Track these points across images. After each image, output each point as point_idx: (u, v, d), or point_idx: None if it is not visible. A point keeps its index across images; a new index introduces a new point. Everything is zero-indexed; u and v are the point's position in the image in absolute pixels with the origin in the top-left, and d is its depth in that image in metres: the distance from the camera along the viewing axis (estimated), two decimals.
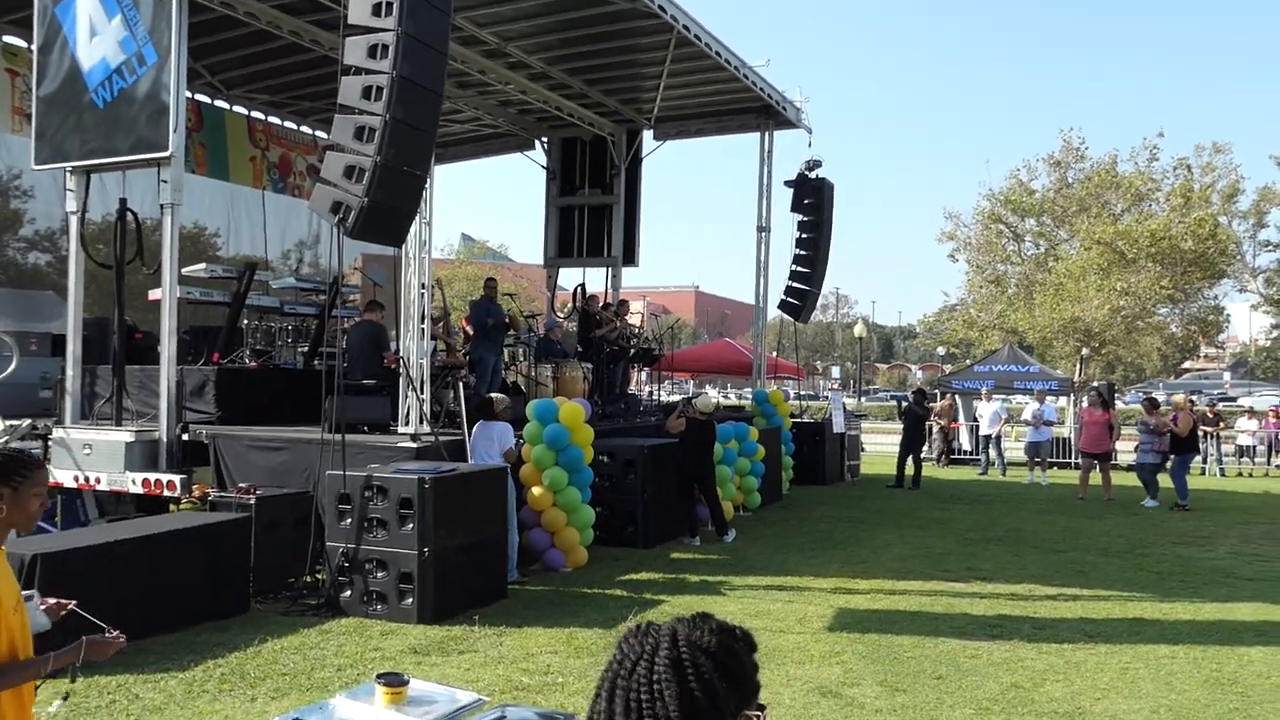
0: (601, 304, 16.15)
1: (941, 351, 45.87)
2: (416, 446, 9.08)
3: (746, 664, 1.53)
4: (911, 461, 17.75)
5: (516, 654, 6.80)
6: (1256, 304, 35.77)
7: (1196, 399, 19.84)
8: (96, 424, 10.39)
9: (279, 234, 18.09)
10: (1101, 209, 26.68)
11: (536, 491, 9.77)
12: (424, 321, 9.69)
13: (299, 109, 17.73)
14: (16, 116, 13.74)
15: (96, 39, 9.90)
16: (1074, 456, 21.90)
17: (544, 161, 19.32)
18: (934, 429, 22.44)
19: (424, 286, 9.69)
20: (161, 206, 9.77)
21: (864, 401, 47.80)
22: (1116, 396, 27.65)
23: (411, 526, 7.66)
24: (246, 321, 12.26)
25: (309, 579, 8.66)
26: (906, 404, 18.73)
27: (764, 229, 17.81)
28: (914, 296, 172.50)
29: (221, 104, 16.78)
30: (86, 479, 9.80)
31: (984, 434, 21.24)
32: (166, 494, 9.50)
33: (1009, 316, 27.66)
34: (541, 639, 7.18)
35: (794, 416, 17.66)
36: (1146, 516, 14.41)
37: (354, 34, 7.98)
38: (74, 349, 10.55)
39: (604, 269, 19.07)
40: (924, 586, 9.26)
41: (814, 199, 17.95)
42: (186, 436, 9.97)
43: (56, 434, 10.17)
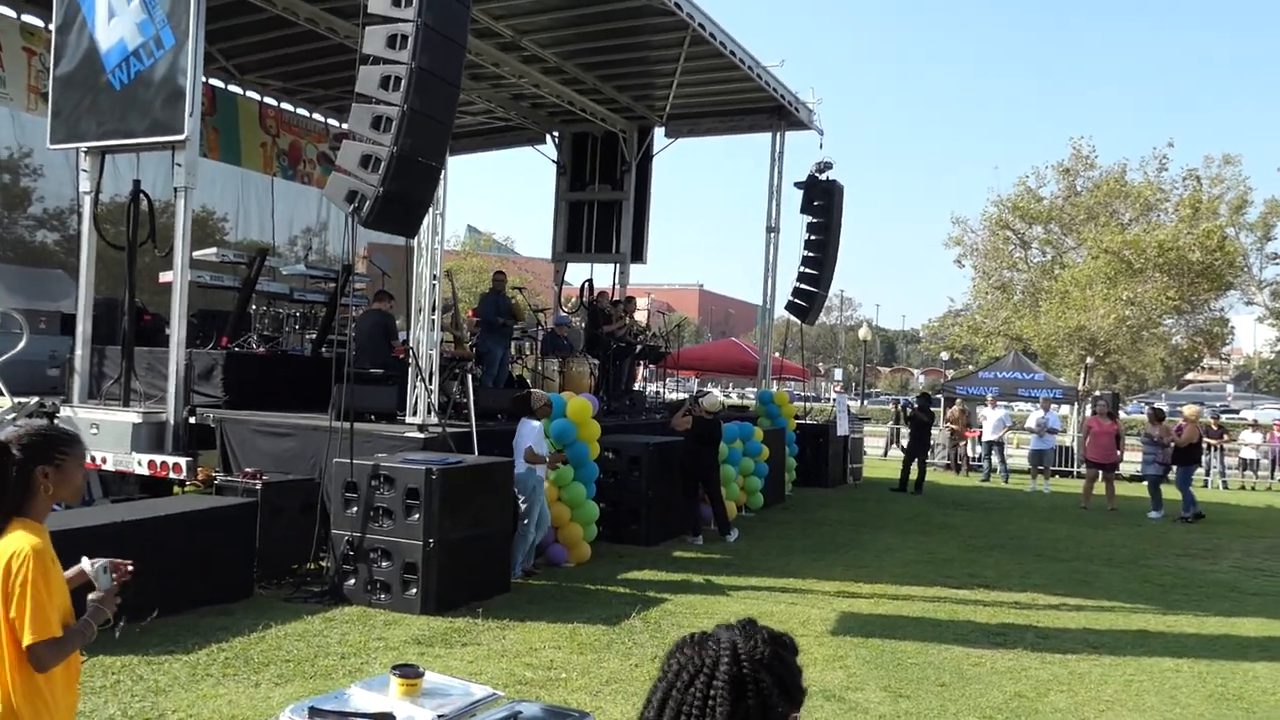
0: (611, 301, 16.14)
1: (945, 356, 45.86)
2: (424, 437, 9.07)
3: (797, 673, 1.54)
4: (915, 466, 17.70)
5: (520, 648, 6.80)
6: (1262, 317, 35.69)
7: (1201, 410, 19.76)
8: (104, 404, 10.39)
9: (286, 220, 18.12)
10: (1110, 218, 26.65)
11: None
12: (435, 312, 9.68)
13: (312, 96, 17.72)
14: (32, 95, 13.75)
15: (115, 20, 9.88)
16: (1076, 465, 21.91)
17: (555, 156, 19.30)
18: (946, 434, 22.44)
19: (435, 277, 9.68)
20: (175, 190, 9.76)
21: (866, 405, 47.80)
22: (1120, 406, 27.60)
23: (417, 517, 7.66)
24: (255, 307, 12.26)
25: (313, 566, 8.66)
26: (912, 409, 18.70)
27: (773, 229, 17.79)
28: (918, 301, 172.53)
29: (235, 89, 16.77)
30: (92, 459, 9.78)
31: (987, 440, 21.23)
32: (172, 476, 9.49)
33: (1014, 323, 27.65)
34: (544, 633, 7.18)
35: (798, 418, 17.64)
36: (1150, 528, 14.41)
37: (374, 23, 7.96)
38: (83, 329, 10.55)
39: (611, 265, 19.06)
40: (927, 592, 9.25)
41: (824, 201, 17.90)
42: (193, 420, 9.97)
43: (64, 413, 10.15)
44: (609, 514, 10.79)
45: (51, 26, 10.71)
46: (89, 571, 2.94)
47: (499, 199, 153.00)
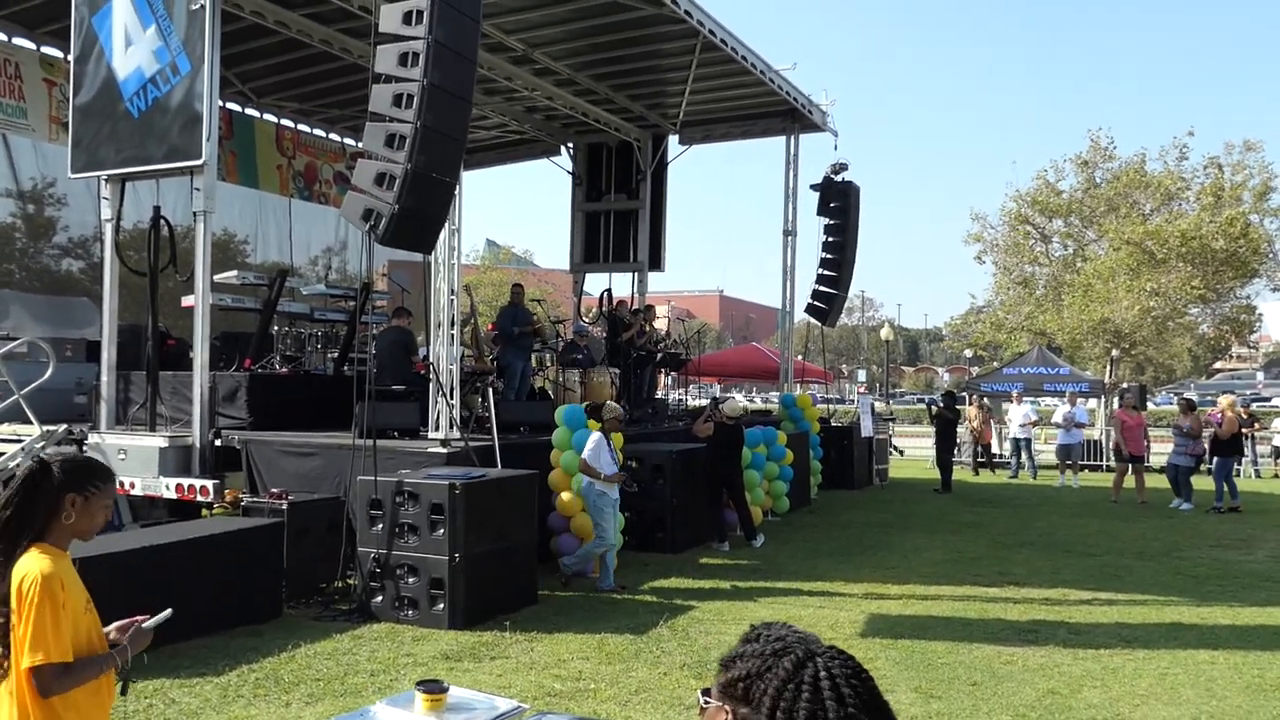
0: (631, 310, 16.14)
1: (969, 354, 45.58)
2: (447, 452, 9.10)
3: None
4: (945, 465, 17.74)
5: (548, 660, 6.80)
6: None
7: (1233, 400, 19.54)
8: (131, 429, 10.50)
9: (304, 241, 18.28)
10: (1130, 209, 26.44)
11: (565, 497, 9.78)
12: (454, 327, 9.72)
13: (328, 116, 17.87)
14: (54, 125, 13.95)
15: (132, 49, 10.01)
16: (1105, 459, 21.70)
17: (570, 167, 19.35)
18: (969, 434, 22.30)
19: (453, 293, 9.72)
20: (195, 214, 9.86)
21: (891, 405, 47.55)
22: (1147, 398, 27.34)
23: (443, 532, 7.68)
24: (277, 328, 12.35)
25: (340, 584, 8.70)
26: (937, 408, 18.61)
27: (790, 233, 17.75)
28: (940, 299, 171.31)
29: (251, 112, 16.94)
30: (121, 484, 9.89)
31: (1014, 437, 21.07)
32: (199, 499, 9.57)
33: (1037, 318, 27.45)
34: (573, 645, 7.18)
35: (821, 420, 17.58)
36: (1182, 519, 14.25)
37: (385, 42, 8.03)
38: (109, 355, 10.66)
39: (630, 274, 19.08)
40: (957, 591, 9.18)
41: (840, 202, 17.85)
42: (219, 442, 10.05)
43: (92, 439, 10.26)
44: (634, 523, 10.78)
45: (70, 57, 10.86)
46: (147, 625, 2.92)
47: (517, 212, 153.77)
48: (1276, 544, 12.08)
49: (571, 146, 19.26)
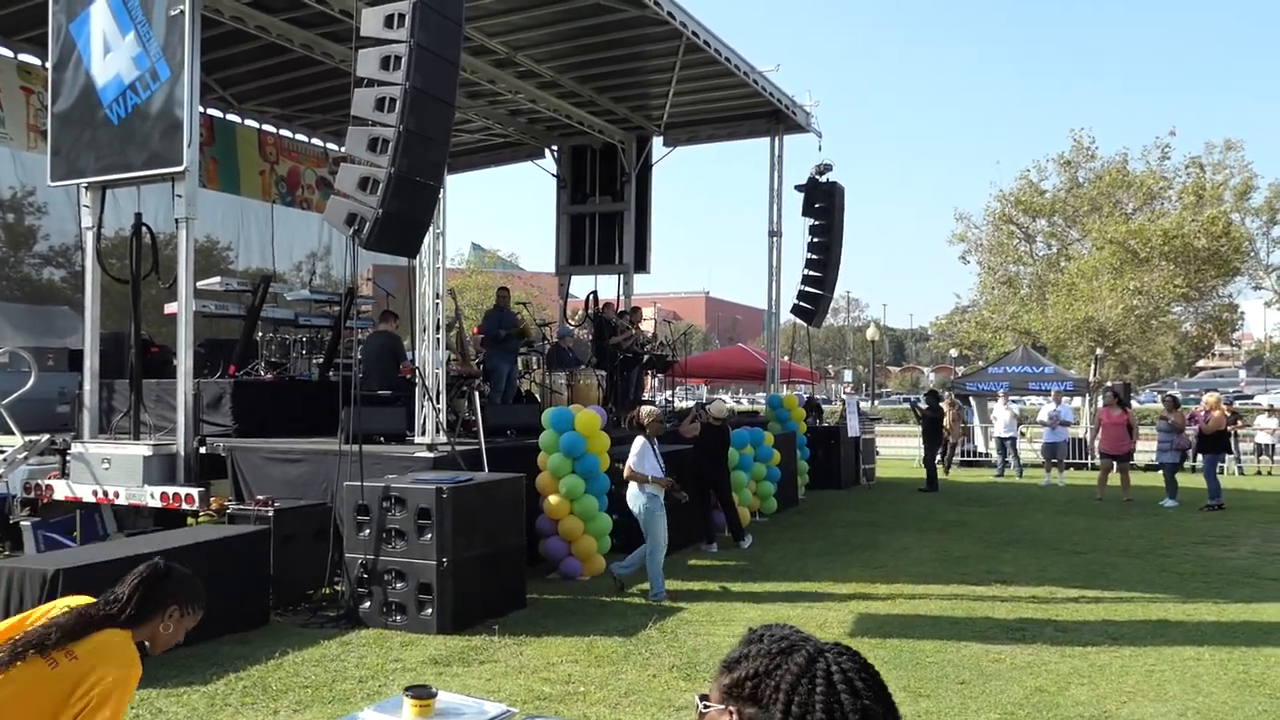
0: (617, 312, 16.14)
1: (954, 353, 45.76)
2: (433, 456, 9.07)
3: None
4: (944, 460, 17.90)
5: (537, 663, 6.78)
6: (1271, 301, 35.57)
7: (1219, 398, 19.68)
8: (114, 438, 10.43)
9: (288, 246, 18.19)
10: (1113, 208, 26.58)
11: (553, 500, 9.76)
12: (439, 331, 9.70)
13: (310, 121, 17.81)
14: (31, 133, 13.86)
15: (110, 55, 9.95)
16: (1090, 457, 21.80)
17: (554, 170, 19.34)
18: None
19: (438, 296, 9.70)
20: (176, 221, 9.80)
21: (877, 405, 47.71)
22: (1131, 396, 27.49)
23: (430, 537, 7.65)
24: (261, 334, 12.29)
25: (328, 591, 8.65)
26: (920, 410, 18.73)
27: (775, 234, 17.79)
28: (925, 299, 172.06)
29: (233, 118, 16.86)
30: (105, 493, 9.83)
31: (999, 436, 21.15)
32: (185, 507, 9.52)
33: (1022, 317, 27.57)
34: (561, 648, 7.16)
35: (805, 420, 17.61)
36: (1166, 517, 14.32)
37: (366, 46, 8.01)
38: (91, 364, 10.58)
39: (615, 276, 19.08)
40: (944, 590, 9.21)
41: (825, 203, 17.90)
42: (204, 450, 9.99)
43: (75, 449, 10.20)
44: (622, 525, 10.76)
45: (48, 64, 10.78)
46: None
47: (502, 215, 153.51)
48: (1260, 540, 12.16)
49: (556, 149, 19.25)
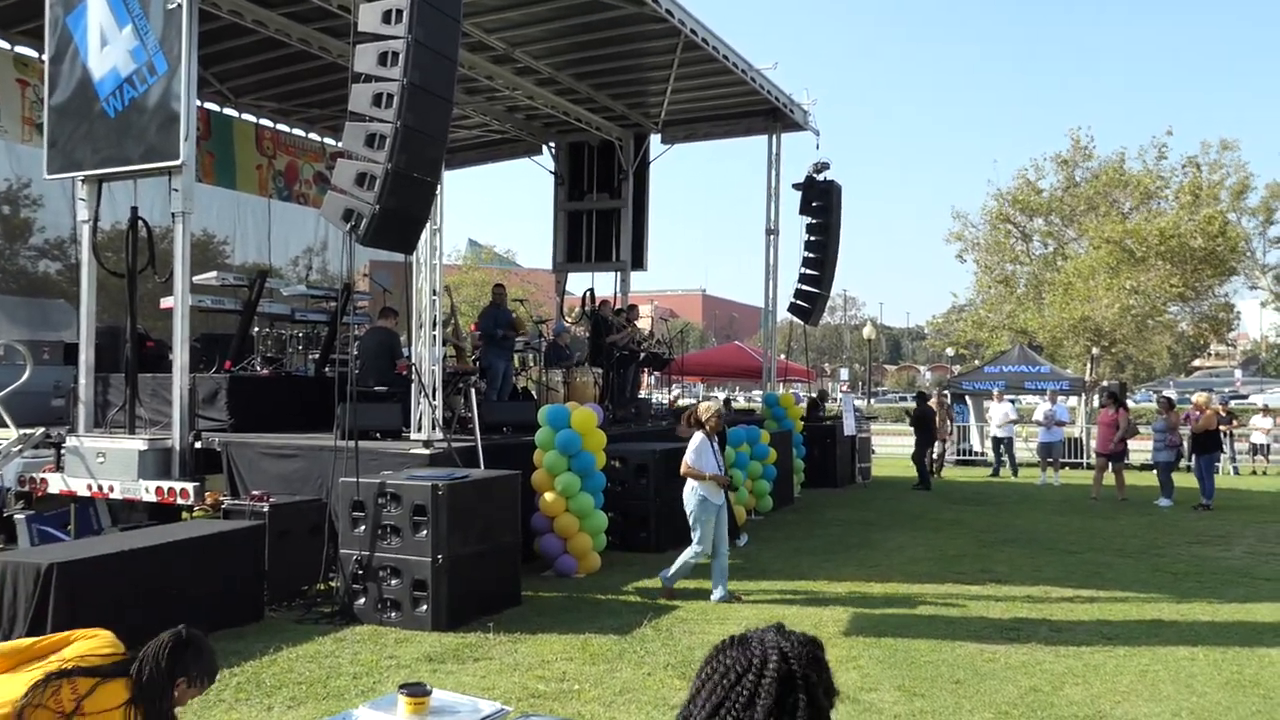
0: (614, 309, 16.13)
1: (950, 352, 45.79)
2: (429, 453, 9.06)
3: (831, 674, 1.62)
4: (921, 461, 18.09)
5: (532, 661, 6.78)
6: (1267, 301, 35.65)
7: (1211, 397, 19.76)
8: (110, 432, 10.41)
9: (284, 242, 18.16)
10: (1110, 208, 26.62)
11: (549, 497, 9.76)
12: (436, 328, 9.68)
13: (307, 116, 17.76)
14: (26, 126, 13.81)
15: (107, 48, 9.92)
16: (1085, 456, 21.83)
17: (552, 166, 19.32)
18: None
19: (435, 293, 9.68)
20: (173, 215, 9.77)
21: (873, 403, 47.72)
22: (1127, 395, 27.52)
23: (425, 533, 7.64)
24: (258, 329, 12.27)
25: (323, 586, 8.65)
26: (909, 413, 19.00)
27: (772, 232, 17.77)
28: (922, 298, 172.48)
29: (230, 112, 16.82)
30: (100, 488, 9.81)
31: (995, 435, 21.17)
32: (180, 502, 9.50)
33: (1018, 316, 27.62)
34: (556, 645, 7.16)
35: (803, 419, 17.62)
36: (1161, 516, 14.35)
37: (364, 41, 7.98)
38: (87, 357, 10.56)
39: (612, 273, 19.07)
40: (939, 589, 9.21)
41: (822, 201, 17.89)
42: (199, 444, 9.98)
43: (70, 442, 10.18)
44: (618, 523, 10.78)
45: (44, 57, 10.74)
46: None
47: (499, 212, 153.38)
48: (1255, 540, 12.18)
49: (553, 146, 19.22)
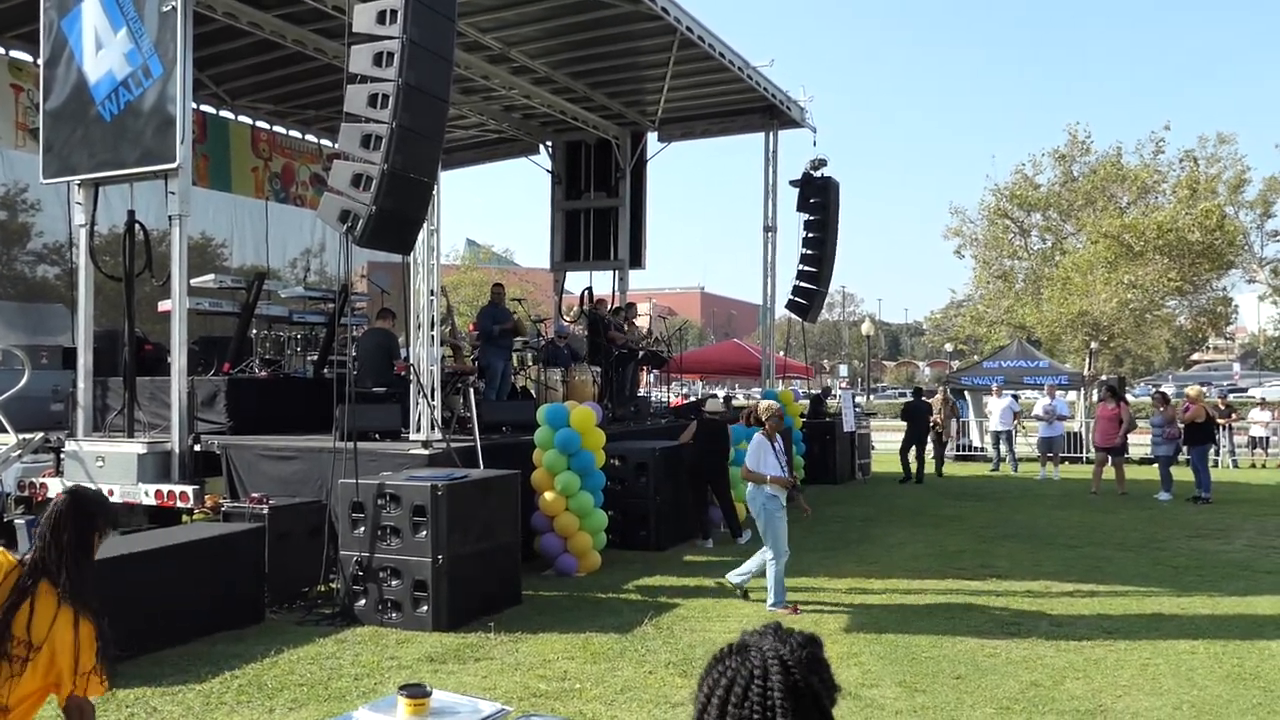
0: (611, 308, 16.12)
1: (949, 348, 45.80)
2: (428, 454, 9.06)
3: (831, 671, 1.62)
4: (915, 457, 18.36)
5: (533, 660, 6.78)
6: (1264, 294, 35.62)
7: (1207, 390, 19.83)
8: (108, 436, 10.40)
9: (281, 244, 18.13)
10: (1107, 202, 26.62)
11: (549, 496, 9.76)
12: (434, 328, 9.68)
13: (304, 118, 17.74)
14: (20, 132, 13.77)
15: (103, 52, 9.91)
16: (1085, 451, 21.83)
17: (549, 166, 19.30)
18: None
19: (432, 294, 9.68)
20: (170, 218, 9.77)
21: (872, 399, 47.73)
22: (1126, 390, 27.54)
23: (425, 534, 7.64)
24: (256, 331, 12.27)
25: (323, 588, 8.65)
26: (906, 402, 19.18)
27: (770, 229, 17.77)
28: (920, 293, 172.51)
29: (226, 114, 16.79)
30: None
31: (995, 430, 21.18)
32: (179, 505, 9.50)
33: (1016, 312, 27.62)
34: (557, 645, 7.16)
35: (803, 416, 17.63)
36: (1161, 510, 14.35)
37: (359, 42, 7.98)
38: (85, 361, 10.56)
39: (610, 272, 19.06)
40: (940, 585, 9.22)
41: (820, 198, 17.90)
42: (198, 447, 9.97)
43: (69, 447, 10.18)
44: (618, 521, 10.79)
45: (39, 61, 10.73)
46: None
47: (497, 211, 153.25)
48: (1255, 534, 12.19)
49: (550, 145, 19.21)
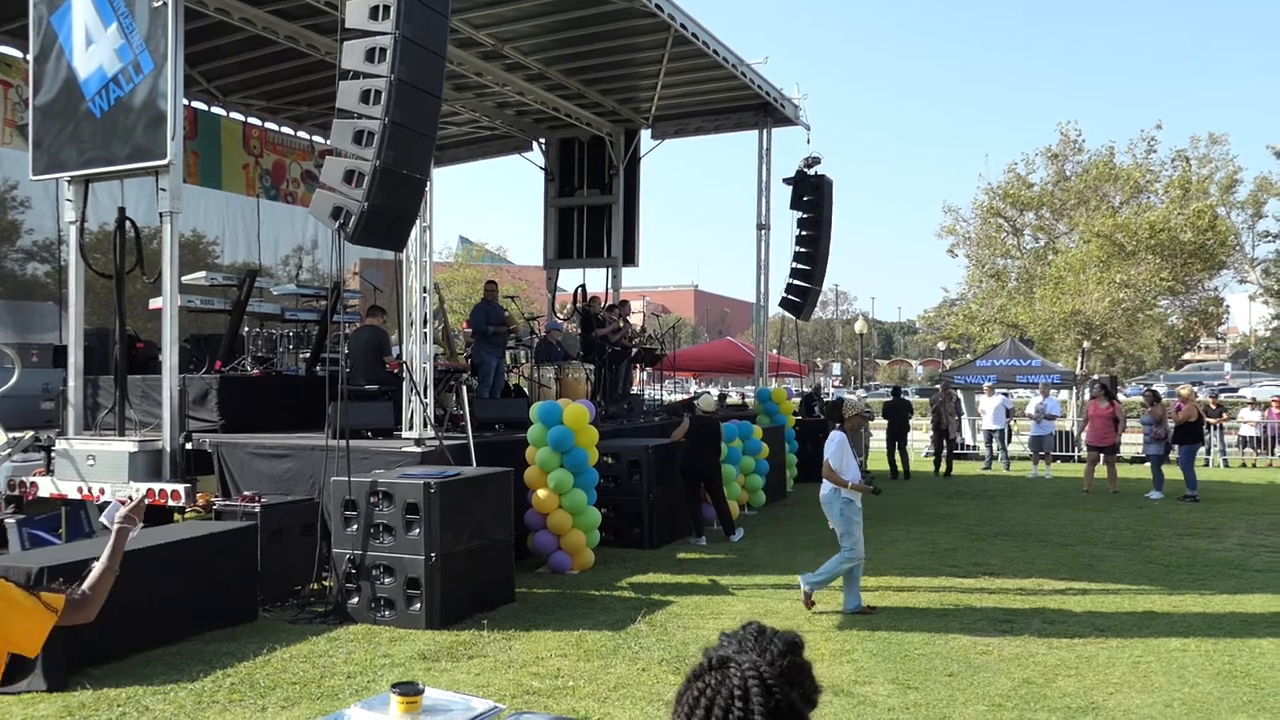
0: (605, 305, 16.11)
1: (942, 347, 45.86)
2: (421, 451, 9.04)
3: (812, 674, 1.59)
4: (900, 454, 18.62)
5: (526, 658, 6.77)
6: (1255, 294, 35.77)
7: (1198, 390, 19.91)
8: (99, 434, 10.35)
9: (273, 241, 18.08)
10: (1100, 201, 26.65)
11: (542, 494, 9.75)
12: (426, 325, 9.66)
13: (296, 114, 17.69)
14: (8, 128, 13.68)
15: (93, 47, 9.86)
16: (1077, 450, 21.88)
17: (542, 163, 19.28)
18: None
19: (425, 291, 9.66)
20: (160, 215, 9.71)
21: (865, 398, 47.72)
22: (1118, 389, 27.62)
23: (418, 532, 7.63)
24: (247, 329, 12.22)
25: (316, 586, 8.63)
26: (885, 401, 19.43)
27: (764, 227, 17.78)
28: (913, 292, 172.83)
29: (217, 110, 16.73)
30: (90, 490, 9.76)
31: (987, 429, 21.22)
32: (171, 504, 9.45)
33: (1009, 310, 27.63)
34: (550, 642, 7.15)
35: (795, 414, 17.65)
36: (1152, 509, 14.38)
37: (351, 38, 7.95)
38: (75, 360, 10.50)
39: (604, 269, 19.05)
40: (932, 583, 9.23)
41: (813, 196, 17.92)
42: (190, 445, 9.93)
43: (60, 445, 10.13)
44: (611, 519, 10.78)
45: (29, 56, 10.67)
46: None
47: (490, 208, 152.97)
48: (1245, 532, 12.22)
49: (543, 142, 19.19)
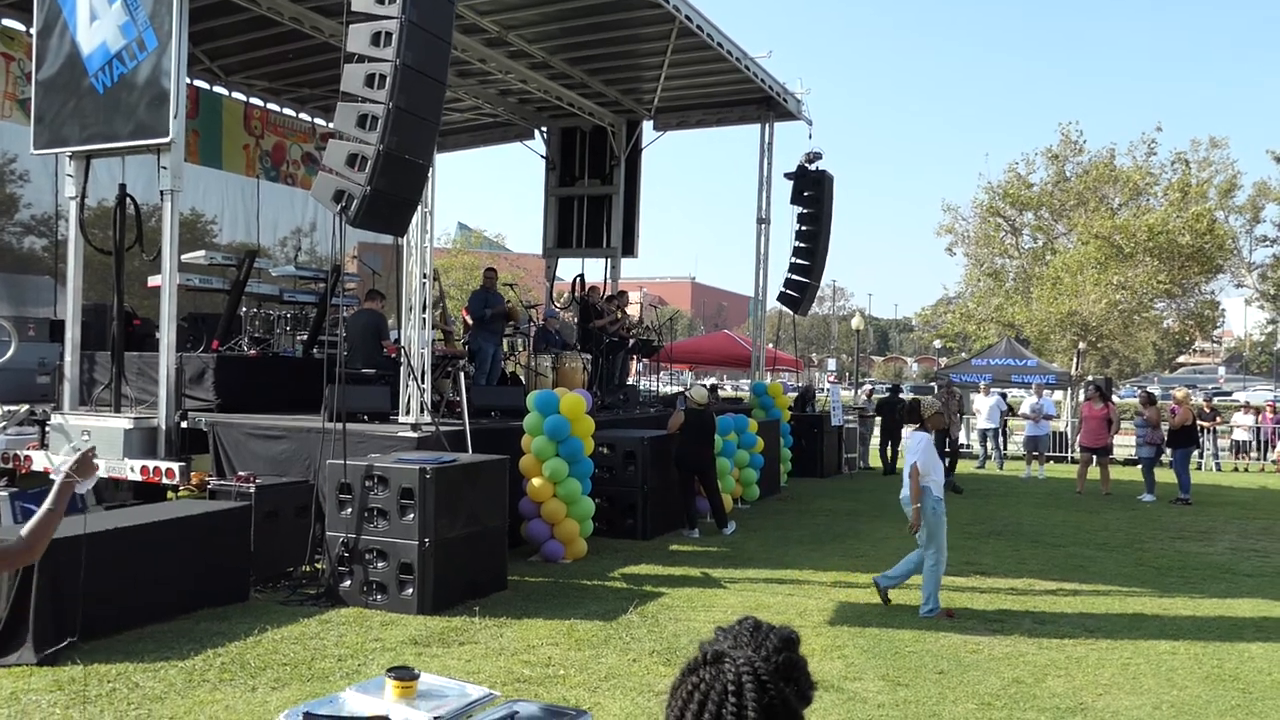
0: (604, 296, 16.11)
1: (938, 345, 45.93)
2: (417, 436, 9.04)
3: (808, 670, 1.58)
4: (894, 452, 18.72)
5: (517, 646, 6.79)
6: (1251, 299, 35.82)
7: (1192, 393, 19.97)
8: (95, 410, 10.34)
9: (272, 222, 18.03)
10: (1099, 203, 26.67)
11: (536, 483, 9.75)
12: (425, 311, 9.65)
13: (298, 96, 17.62)
14: (8, 102, 13.62)
15: (97, 23, 9.81)
16: (1070, 450, 21.94)
17: (543, 151, 19.24)
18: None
19: (425, 276, 9.65)
20: (161, 193, 9.70)
21: (859, 393, 47.80)
22: (1113, 391, 27.67)
23: (412, 517, 7.63)
24: (245, 309, 12.20)
25: (308, 568, 8.63)
26: (880, 398, 19.53)
27: (764, 221, 17.77)
28: (910, 290, 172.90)
29: (220, 90, 16.67)
30: None
31: (982, 428, 21.27)
32: (165, 482, 9.45)
33: (1006, 310, 27.68)
34: (542, 630, 7.17)
35: (791, 409, 17.68)
36: (1144, 511, 14.43)
37: (357, 21, 7.93)
38: (73, 335, 10.48)
39: (603, 259, 19.03)
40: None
41: (814, 191, 17.91)
42: (185, 424, 9.93)
43: (55, 420, 10.12)
44: (605, 509, 10.80)
45: (32, 30, 10.62)
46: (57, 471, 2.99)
47: (490, 195, 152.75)
48: (1237, 536, 12.27)
49: (545, 130, 19.15)
